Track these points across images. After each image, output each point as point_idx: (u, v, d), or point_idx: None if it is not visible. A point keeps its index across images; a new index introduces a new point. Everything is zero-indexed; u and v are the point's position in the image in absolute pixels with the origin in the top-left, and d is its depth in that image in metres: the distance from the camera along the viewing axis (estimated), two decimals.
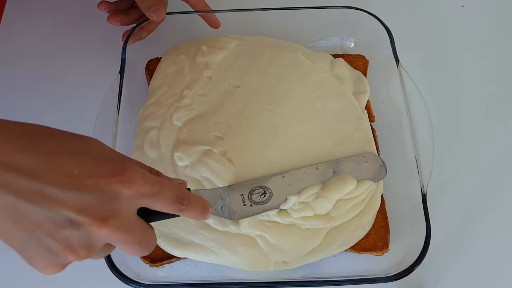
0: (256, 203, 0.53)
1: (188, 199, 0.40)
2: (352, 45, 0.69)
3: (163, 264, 0.54)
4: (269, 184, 0.54)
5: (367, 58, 0.67)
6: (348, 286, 0.51)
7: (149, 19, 0.64)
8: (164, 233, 0.54)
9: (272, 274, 0.53)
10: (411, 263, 0.49)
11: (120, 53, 0.62)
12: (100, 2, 0.67)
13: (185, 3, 0.67)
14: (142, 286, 0.50)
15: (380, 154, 0.59)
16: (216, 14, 0.66)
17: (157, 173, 0.43)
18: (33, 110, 0.66)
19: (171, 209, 0.39)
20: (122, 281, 0.50)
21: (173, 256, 0.54)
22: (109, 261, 0.50)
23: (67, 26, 0.74)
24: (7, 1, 0.76)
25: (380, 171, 0.57)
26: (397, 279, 0.49)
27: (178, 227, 0.54)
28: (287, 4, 0.66)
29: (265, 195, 0.54)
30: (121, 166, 0.37)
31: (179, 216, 0.41)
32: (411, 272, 0.49)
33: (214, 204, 0.51)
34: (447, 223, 0.58)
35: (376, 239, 0.54)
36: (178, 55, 0.66)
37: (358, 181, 0.55)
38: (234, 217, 0.52)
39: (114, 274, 0.50)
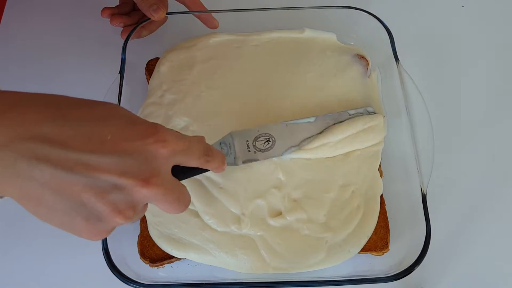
0: (259, 150, 0.55)
1: (211, 151, 0.43)
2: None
3: (163, 264, 0.54)
4: (273, 132, 0.56)
5: (367, 58, 0.67)
6: (348, 286, 0.51)
7: (149, 18, 0.64)
8: (164, 234, 0.54)
9: (271, 274, 0.53)
10: (411, 263, 0.49)
11: (120, 53, 0.62)
12: (103, 9, 0.67)
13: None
14: (142, 286, 0.50)
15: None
16: (215, 14, 0.66)
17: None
18: None
19: (200, 162, 0.42)
20: (122, 281, 0.50)
21: (173, 256, 0.54)
22: (109, 261, 0.50)
23: (67, 26, 0.74)
24: (6, 1, 0.76)
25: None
26: (397, 279, 0.49)
27: (178, 228, 0.54)
28: (287, 4, 0.66)
29: (268, 143, 0.55)
30: (152, 127, 0.38)
31: (204, 172, 0.43)
32: (411, 272, 0.49)
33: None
34: (447, 223, 0.58)
35: (376, 239, 0.54)
36: (175, 53, 0.66)
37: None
38: (237, 162, 0.54)
39: (114, 274, 0.50)
